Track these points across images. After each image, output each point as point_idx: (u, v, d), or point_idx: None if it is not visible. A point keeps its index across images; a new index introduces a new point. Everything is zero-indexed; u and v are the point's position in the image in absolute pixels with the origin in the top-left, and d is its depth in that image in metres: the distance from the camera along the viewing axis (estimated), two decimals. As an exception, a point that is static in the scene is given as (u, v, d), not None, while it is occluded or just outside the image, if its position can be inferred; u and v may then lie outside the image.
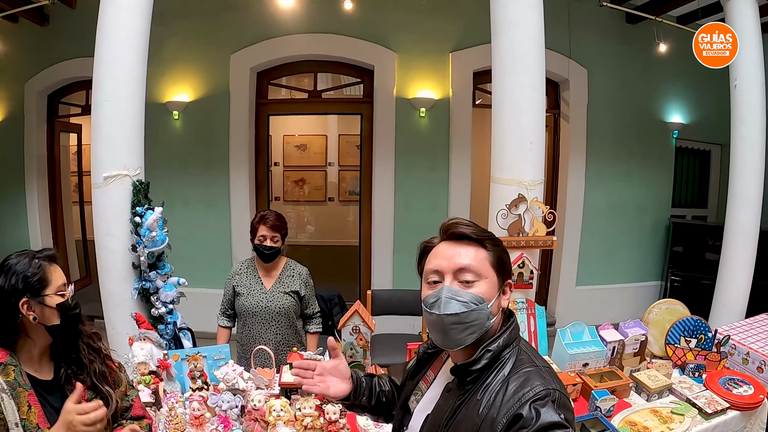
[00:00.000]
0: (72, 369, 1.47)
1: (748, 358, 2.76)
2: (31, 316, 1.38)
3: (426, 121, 5.42)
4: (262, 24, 5.22)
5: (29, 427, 1.32)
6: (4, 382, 1.33)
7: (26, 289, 1.37)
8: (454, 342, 1.17)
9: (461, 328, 1.15)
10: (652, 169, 5.99)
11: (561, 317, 5.76)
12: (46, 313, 1.40)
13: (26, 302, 1.37)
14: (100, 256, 2.90)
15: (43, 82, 5.66)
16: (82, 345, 1.50)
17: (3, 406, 1.30)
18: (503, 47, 3.01)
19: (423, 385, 1.36)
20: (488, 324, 1.17)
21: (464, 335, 1.16)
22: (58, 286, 1.43)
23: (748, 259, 3.81)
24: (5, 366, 1.35)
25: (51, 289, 1.41)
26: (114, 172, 2.77)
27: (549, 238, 3.05)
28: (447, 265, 1.18)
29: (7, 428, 1.30)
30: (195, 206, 5.44)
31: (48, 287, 1.41)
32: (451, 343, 1.18)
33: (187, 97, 5.32)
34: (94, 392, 1.48)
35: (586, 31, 5.45)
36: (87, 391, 1.47)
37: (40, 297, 1.39)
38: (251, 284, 2.90)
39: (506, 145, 3.05)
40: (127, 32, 2.77)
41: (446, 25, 5.32)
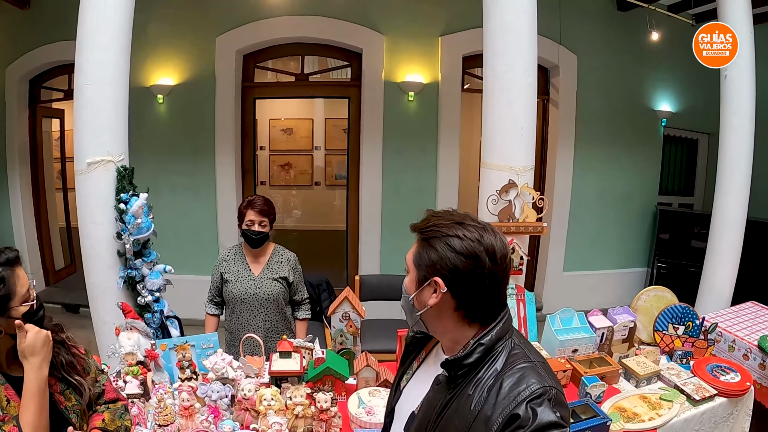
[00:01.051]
0: None
1: (735, 345, 2.79)
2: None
3: (414, 105, 5.38)
4: (248, 6, 5.12)
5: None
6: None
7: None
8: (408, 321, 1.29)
9: (404, 309, 1.27)
10: (639, 157, 6.02)
11: (548, 303, 5.81)
12: (11, 324, 1.33)
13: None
14: (84, 244, 2.85)
15: (25, 66, 5.52)
16: None
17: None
18: (495, 31, 2.98)
19: (414, 363, 1.37)
20: (415, 315, 1.22)
21: (406, 317, 1.27)
22: (22, 295, 1.35)
23: (735, 247, 3.84)
24: None
25: (16, 300, 1.33)
26: (97, 158, 2.71)
27: (539, 224, 3.05)
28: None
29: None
30: (180, 192, 5.37)
31: (13, 299, 1.33)
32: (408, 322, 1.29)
33: (172, 80, 5.22)
34: (66, 384, 1.44)
35: (576, 18, 5.42)
36: (59, 384, 1.43)
37: (6, 312, 1.32)
38: (239, 271, 2.86)
39: (497, 130, 3.04)
40: (110, 14, 2.71)
41: (436, 9, 5.26)
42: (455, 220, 1.17)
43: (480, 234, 1.14)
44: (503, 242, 1.17)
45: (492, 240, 1.14)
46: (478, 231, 1.14)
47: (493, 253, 1.13)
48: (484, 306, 1.17)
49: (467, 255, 1.12)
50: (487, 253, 1.12)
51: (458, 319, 1.18)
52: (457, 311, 1.16)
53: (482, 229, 1.15)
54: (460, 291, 1.14)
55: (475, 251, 1.12)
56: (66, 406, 1.40)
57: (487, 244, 1.13)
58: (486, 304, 1.17)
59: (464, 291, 1.14)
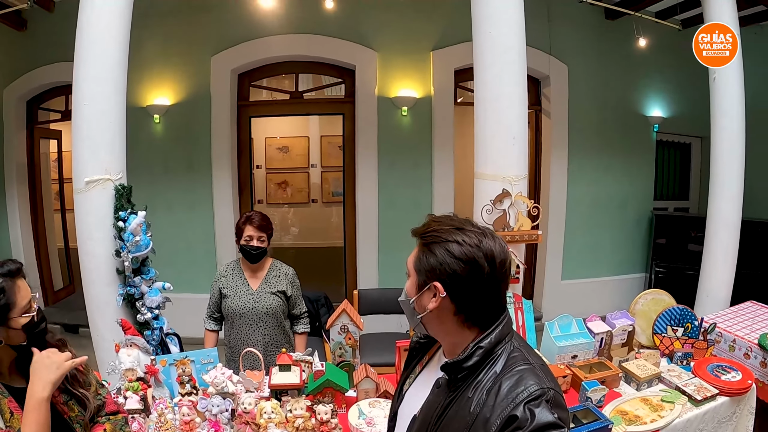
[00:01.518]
0: None
1: (735, 345, 2.80)
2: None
3: (408, 120, 5.43)
4: (242, 25, 5.18)
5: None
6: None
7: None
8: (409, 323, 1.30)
9: (405, 313, 1.28)
10: (633, 163, 6.05)
11: (548, 312, 5.80)
12: (12, 335, 1.35)
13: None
14: (83, 261, 2.86)
15: (22, 87, 5.57)
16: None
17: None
18: (484, 43, 3.02)
19: (417, 368, 1.38)
20: (416, 318, 1.23)
21: (408, 319, 1.29)
22: (23, 307, 1.36)
23: (731, 248, 3.86)
24: None
25: (16, 311, 1.35)
26: (96, 177, 2.73)
27: (534, 233, 3.07)
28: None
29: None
30: (178, 210, 5.38)
31: (13, 310, 1.34)
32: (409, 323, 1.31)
33: (168, 100, 5.26)
34: (68, 395, 1.46)
35: (565, 28, 5.50)
36: (62, 395, 1.44)
37: (6, 322, 1.34)
38: (237, 286, 2.87)
39: (489, 140, 3.06)
40: (106, 34, 2.75)
41: (427, 24, 5.33)
42: (455, 225, 1.18)
43: (479, 239, 1.15)
44: (503, 247, 1.18)
45: (491, 245, 1.15)
46: (477, 236, 1.15)
47: (492, 258, 1.14)
48: (483, 310, 1.18)
49: (466, 260, 1.13)
50: (486, 258, 1.13)
51: (458, 322, 1.19)
52: (456, 315, 1.18)
53: (482, 234, 1.16)
54: (459, 295, 1.15)
55: (474, 256, 1.13)
56: (70, 416, 1.41)
57: (486, 249, 1.14)
58: (485, 308, 1.18)
59: (463, 296, 1.15)
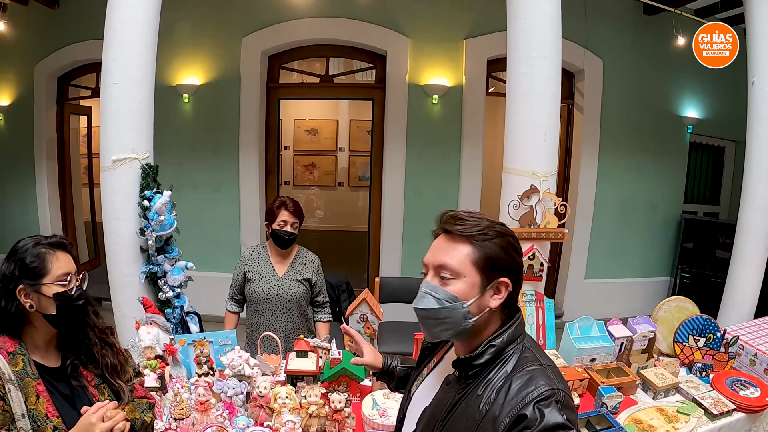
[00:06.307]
0: (81, 359, 1.46)
1: (756, 359, 2.72)
2: (27, 303, 1.36)
3: (438, 109, 5.38)
4: (273, 7, 5.17)
5: (37, 417, 1.31)
6: (13, 372, 1.31)
7: (23, 275, 1.36)
8: (430, 334, 1.21)
9: (435, 323, 1.17)
10: (665, 164, 5.91)
11: (569, 310, 5.75)
12: (43, 302, 1.38)
13: (23, 289, 1.36)
14: (108, 239, 2.91)
15: (53, 64, 5.66)
16: (95, 339, 1.49)
17: (10, 397, 1.29)
18: (519, 36, 2.96)
19: (425, 370, 1.38)
20: (466, 323, 1.15)
21: (438, 330, 1.18)
22: (58, 276, 1.39)
23: (760, 260, 3.73)
24: (14, 355, 1.34)
25: (49, 278, 1.38)
26: (122, 156, 2.76)
27: (560, 231, 3.02)
28: (431, 260, 1.19)
29: (13, 419, 1.28)
30: (204, 190, 5.44)
31: (46, 276, 1.38)
32: (428, 335, 1.22)
33: (198, 80, 5.30)
34: (101, 379, 1.49)
35: (602, 21, 5.36)
36: (94, 378, 1.47)
37: (37, 285, 1.37)
38: (263, 270, 2.87)
39: (520, 135, 3.01)
40: (136, 14, 2.75)
41: (460, 12, 5.25)
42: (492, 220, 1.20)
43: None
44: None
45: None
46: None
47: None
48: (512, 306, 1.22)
49: (521, 255, 1.20)
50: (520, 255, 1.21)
51: (497, 319, 1.20)
52: (503, 312, 1.20)
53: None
54: (516, 290, 1.19)
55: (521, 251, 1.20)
56: (99, 400, 1.42)
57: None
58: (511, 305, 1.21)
59: (516, 290, 1.19)
